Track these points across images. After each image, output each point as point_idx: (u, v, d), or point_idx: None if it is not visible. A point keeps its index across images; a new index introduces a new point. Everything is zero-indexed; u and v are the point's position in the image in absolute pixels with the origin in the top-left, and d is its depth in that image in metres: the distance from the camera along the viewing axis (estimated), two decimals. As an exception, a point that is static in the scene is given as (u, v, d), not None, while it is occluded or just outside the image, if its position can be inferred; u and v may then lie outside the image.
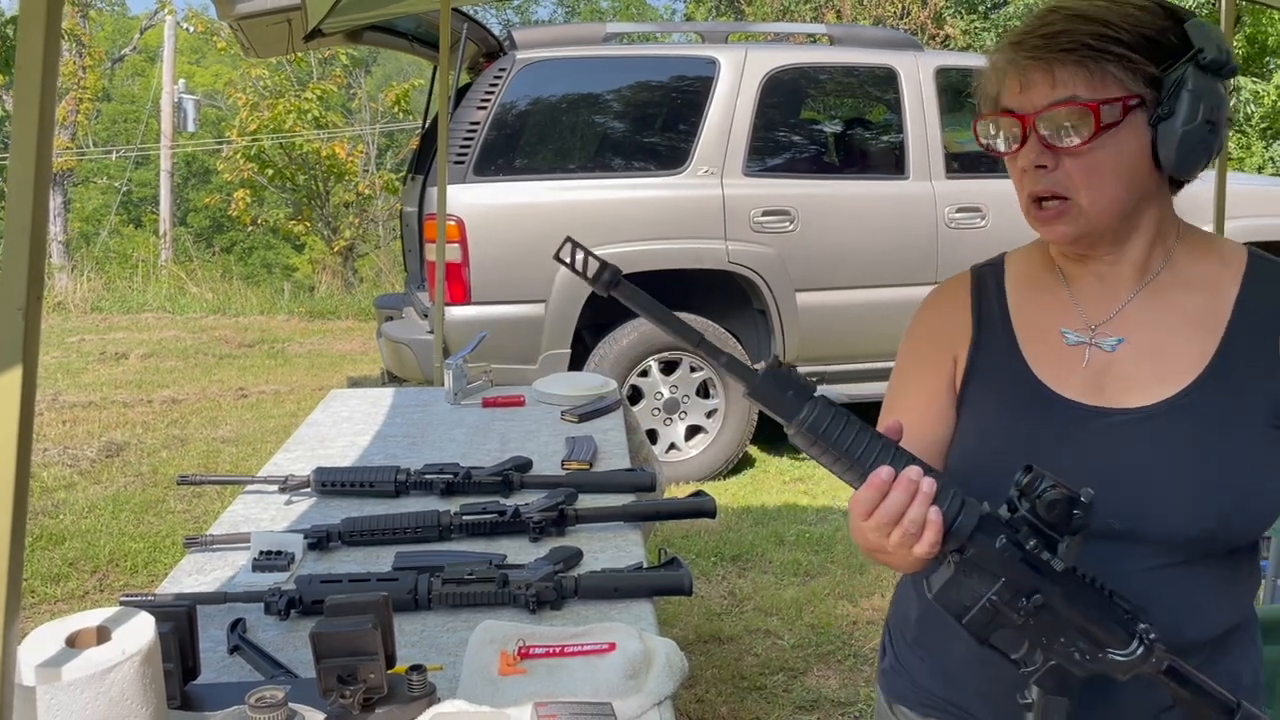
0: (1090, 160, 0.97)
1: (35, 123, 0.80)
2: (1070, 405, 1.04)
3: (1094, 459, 1.01)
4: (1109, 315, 1.06)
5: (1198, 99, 0.95)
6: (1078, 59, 0.96)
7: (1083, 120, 0.96)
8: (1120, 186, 0.99)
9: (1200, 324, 1.03)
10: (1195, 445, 0.99)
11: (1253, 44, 13.77)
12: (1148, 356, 1.03)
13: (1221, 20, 3.24)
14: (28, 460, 0.81)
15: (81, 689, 0.88)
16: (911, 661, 1.18)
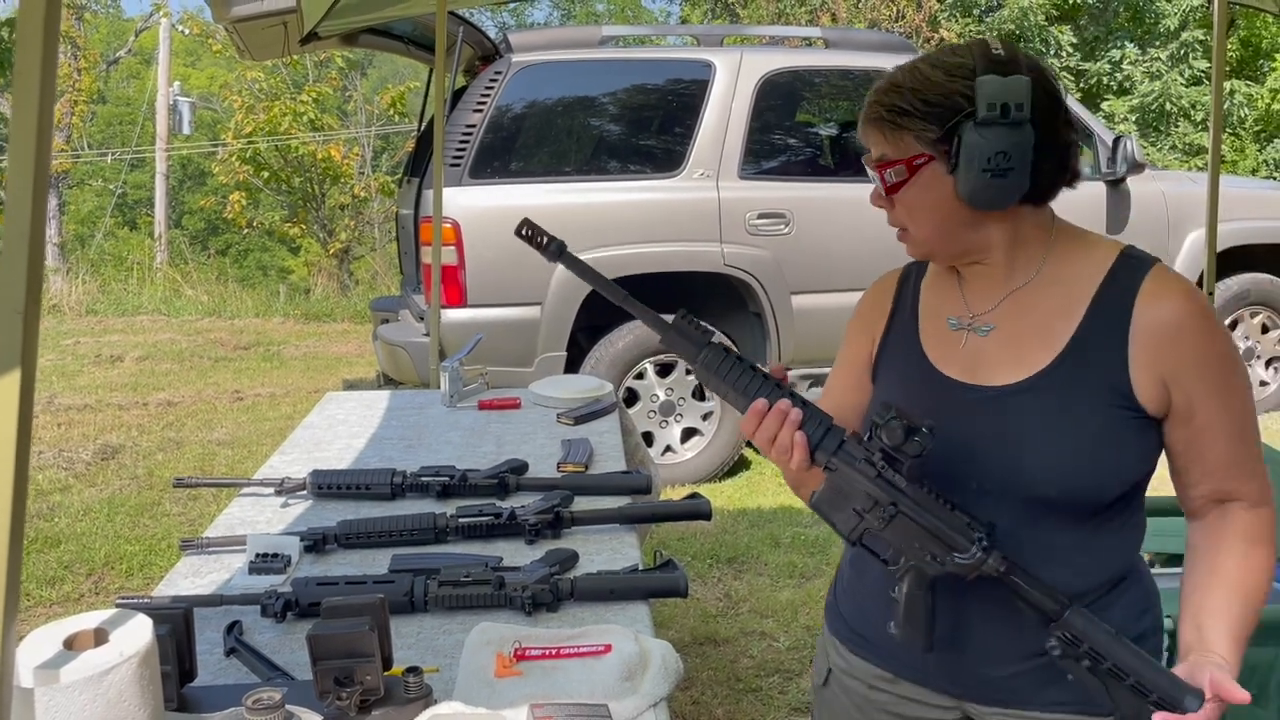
0: (904, 204, 1.19)
1: (34, 127, 0.80)
2: (948, 381, 1.22)
3: (963, 427, 1.18)
4: (989, 308, 1.23)
5: (972, 153, 1.11)
6: (880, 127, 1.17)
7: (888, 176, 1.17)
8: (936, 222, 1.18)
9: (1061, 316, 1.18)
10: (1045, 419, 1.15)
11: (1246, 47, 13.82)
12: (1012, 343, 1.20)
13: (1215, 24, 3.26)
14: (26, 463, 0.81)
15: (79, 691, 0.88)
16: (845, 601, 1.37)
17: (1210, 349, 1.15)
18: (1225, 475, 1.18)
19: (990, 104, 1.10)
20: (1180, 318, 1.15)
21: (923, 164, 1.15)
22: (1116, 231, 4.95)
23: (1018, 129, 1.11)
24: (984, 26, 13.56)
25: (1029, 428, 1.16)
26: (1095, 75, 13.88)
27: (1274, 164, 13.17)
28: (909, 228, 1.21)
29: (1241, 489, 1.18)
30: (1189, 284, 1.19)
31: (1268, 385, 5.42)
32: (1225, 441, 1.17)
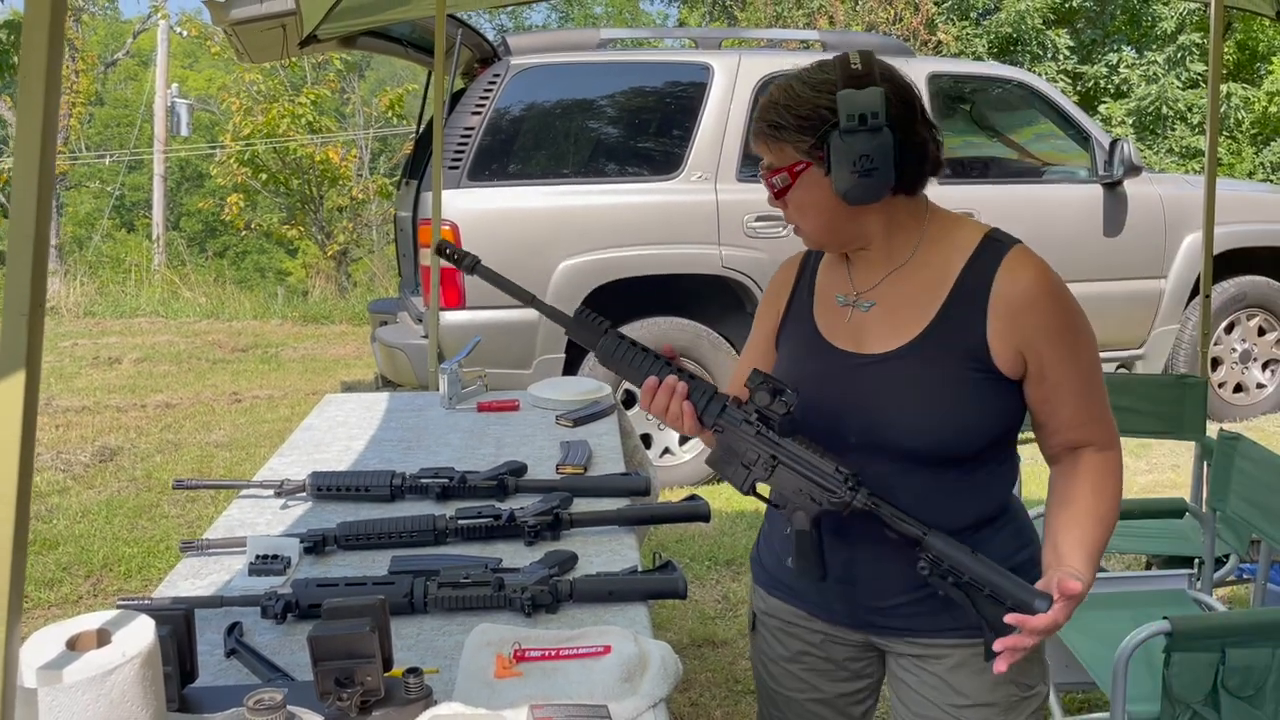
0: (792, 204, 1.35)
1: (39, 132, 0.80)
2: (835, 350, 1.39)
3: (846, 388, 1.36)
4: (870, 286, 1.39)
5: (841, 157, 1.26)
6: (764, 140, 1.34)
7: (775, 181, 1.34)
8: (820, 218, 1.35)
9: (931, 292, 1.35)
10: (913, 381, 1.32)
11: (1244, 50, 13.84)
12: (889, 316, 1.36)
13: (1211, 27, 3.27)
14: (30, 463, 0.82)
15: (83, 691, 0.89)
16: (764, 551, 1.55)
17: (1058, 318, 1.31)
18: (1076, 427, 1.35)
19: (849, 115, 1.25)
20: (1033, 291, 1.31)
21: (802, 170, 1.31)
22: (1113, 235, 4.96)
23: (877, 134, 1.25)
24: (981, 29, 13.59)
25: (900, 389, 1.33)
26: (1092, 78, 13.91)
27: (1271, 167, 13.20)
28: (800, 224, 1.37)
29: (1091, 438, 1.35)
30: (1042, 262, 1.35)
31: (1265, 388, 5.43)
32: (1074, 398, 1.33)
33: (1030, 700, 1.40)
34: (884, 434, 1.33)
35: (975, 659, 1.34)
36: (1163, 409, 2.81)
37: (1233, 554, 2.60)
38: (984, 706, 1.37)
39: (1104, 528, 1.32)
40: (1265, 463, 2.19)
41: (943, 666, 1.38)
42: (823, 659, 1.47)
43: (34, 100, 0.81)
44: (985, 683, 1.36)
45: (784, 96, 1.30)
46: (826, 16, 12.77)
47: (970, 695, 1.37)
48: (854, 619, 1.42)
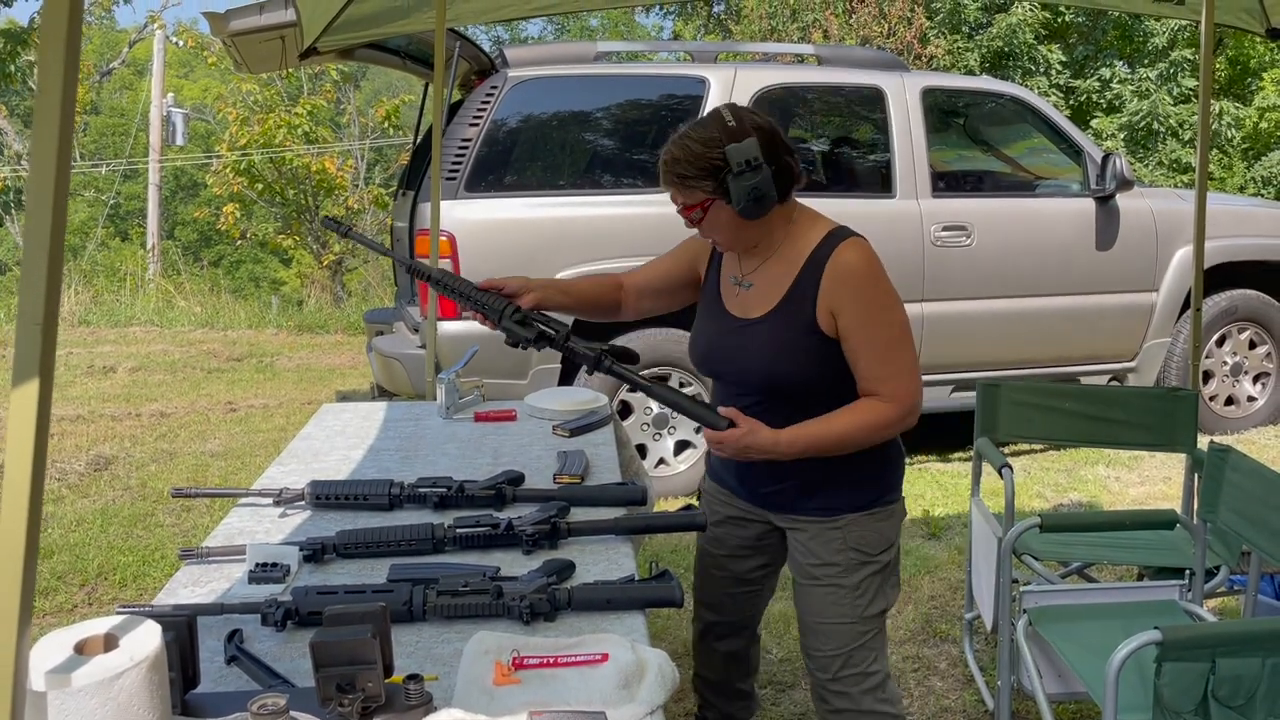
0: (707, 228, 1.87)
1: (54, 143, 0.82)
2: (729, 316, 1.94)
3: (731, 343, 1.91)
4: (751, 270, 1.93)
5: (738, 192, 1.77)
6: (676, 186, 1.83)
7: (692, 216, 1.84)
8: (728, 234, 1.87)
9: (786, 274, 1.86)
10: (770, 338, 1.85)
11: (1235, 66, 13.96)
12: (760, 292, 1.89)
13: (1201, 44, 3.31)
14: (42, 469, 0.83)
15: (91, 695, 0.90)
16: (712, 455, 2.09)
17: (863, 294, 1.79)
18: (869, 380, 1.82)
19: (738, 163, 1.75)
20: (848, 270, 1.80)
21: (710, 204, 1.81)
22: (1105, 248, 5.00)
23: (759, 170, 1.76)
24: (972, 44, 13.68)
25: (761, 344, 1.86)
26: (1084, 93, 14.00)
27: (1262, 181, 13.29)
28: (714, 239, 1.90)
29: (878, 390, 1.81)
30: (866, 252, 1.82)
31: (1256, 401, 5.47)
32: (868, 359, 1.81)
33: (870, 565, 1.92)
34: (750, 375, 1.88)
35: (825, 531, 1.92)
36: (1154, 422, 2.84)
37: (1223, 565, 2.62)
38: (830, 565, 1.92)
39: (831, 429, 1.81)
40: (1256, 475, 2.22)
41: (805, 535, 1.95)
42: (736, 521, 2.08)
43: (50, 112, 0.83)
44: (830, 549, 1.92)
45: (684, 154, 1.78)
46: (821, 30, 12.84)
47: (821, 557, 1.93)
48: (754, 499, 2.02)
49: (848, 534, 1.90)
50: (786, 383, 1.84)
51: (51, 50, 0.84)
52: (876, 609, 1.94)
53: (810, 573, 1.95)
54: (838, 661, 1.94)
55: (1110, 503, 4.46)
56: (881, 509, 1.92)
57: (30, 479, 0.82)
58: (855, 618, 1.93)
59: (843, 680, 1.95)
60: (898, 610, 3.35)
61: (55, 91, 0.83)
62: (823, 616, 1.95)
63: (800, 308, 1.81)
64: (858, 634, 1.94)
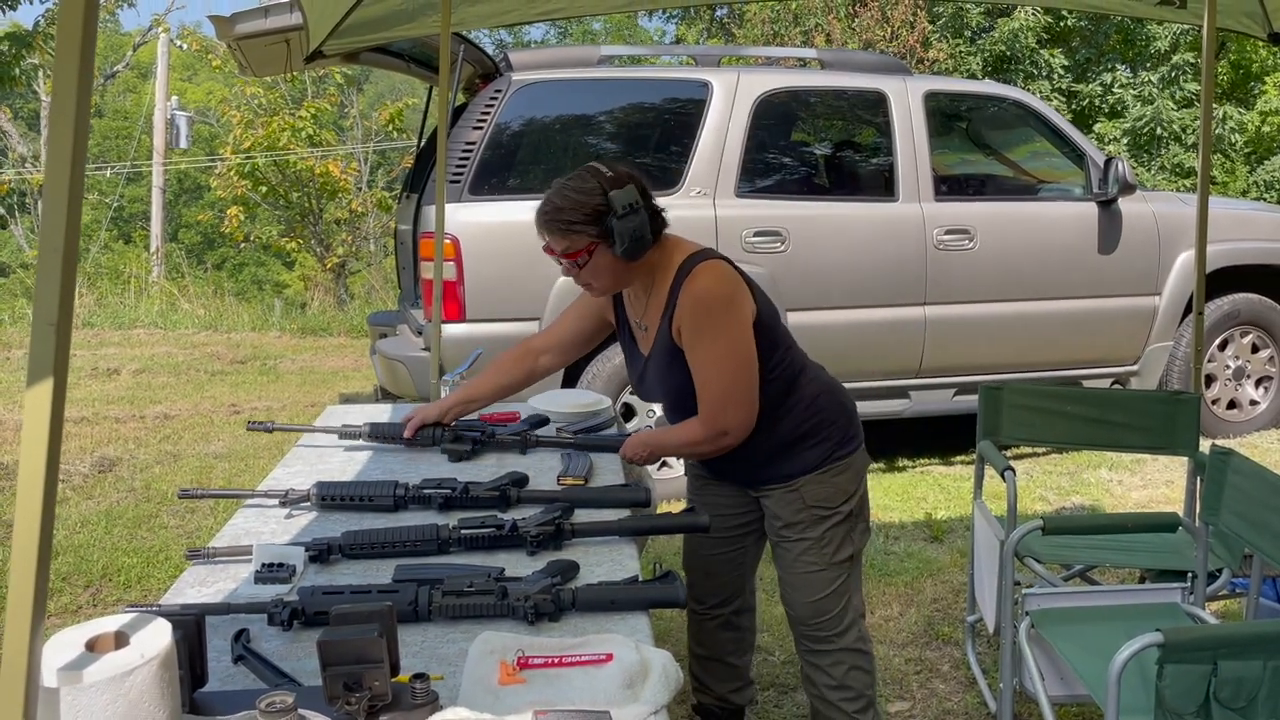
0: (587, 273, 2.00)
1: (69, 146, 0.83)
2: (640, 355, 2.13)
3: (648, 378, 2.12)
4: (641, 314, 2.11)
5: (622, 234, 1.92)
6: (558, 233, 1.95)
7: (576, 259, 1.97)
8: (610, 276, 2.01)
9: (659, 306, 2.03)
10: (654, 371, 2.08)
11: (1237, 70, 13.96)
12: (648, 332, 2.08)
13: (1204, 48, 3.32)
14: (56, 468, 0.84)
15: (102, 691, 0.91)
16: None
17: (697, 318, 1.95)
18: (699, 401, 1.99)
19: (622, 206, 1.91)
20: (691, 294, 1.95)
21: (594, 249, 1.95)
22: (1108, 252, 5.01)
23: (638, 213, 1.93)
24: (975, 48, 13.69)
25: (655, 372, 2.08)
26: (1087, 97, 14.00)
27: (1264, 185, 13.28)
28: (592, 284, 2.03)
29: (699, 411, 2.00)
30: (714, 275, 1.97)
31: (1258, 404, 5.47)
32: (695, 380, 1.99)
33: (832, 517, 2.11)
34: (665, 399, 2.12)
35: (784, 495, 2.12)
36: (1157, 425, 2.84)
37: (1225, 568, 2.63)
38: (793, 524, 2.13)
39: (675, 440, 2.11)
40: (1258, 478, 2.22)
41: (770, 501, 2.16)
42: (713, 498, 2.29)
43: (65, 114, 0.84)
44: (791, 510, 2.12)
45: (567, 203, 1.93)
46: (823, 34, 12.86)
47: (784, 518, 2.14)
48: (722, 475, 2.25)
49: (805, 494, 2.10)
50: (682, 402, 2.05)
51: (67, 53, 0.85)
52: (844, 555, 2.14)
53: (780, 533, 2.16)
54: (810, 609, 2.15)
55: (1112, 506, 4.46)
56: (834, 465, 2.10)
57: (44, 477, 0.84)
58: (824, 565, 2.13)
59: (820, 624, 2.15)
60: (900, 613, 3.36)
61: (70, 95, 0.84)
62: (794, 570, 2.15)
63: (666, 335, 2.01)
64: (828, 580, 2.13)
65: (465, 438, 2.32)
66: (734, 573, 2.35)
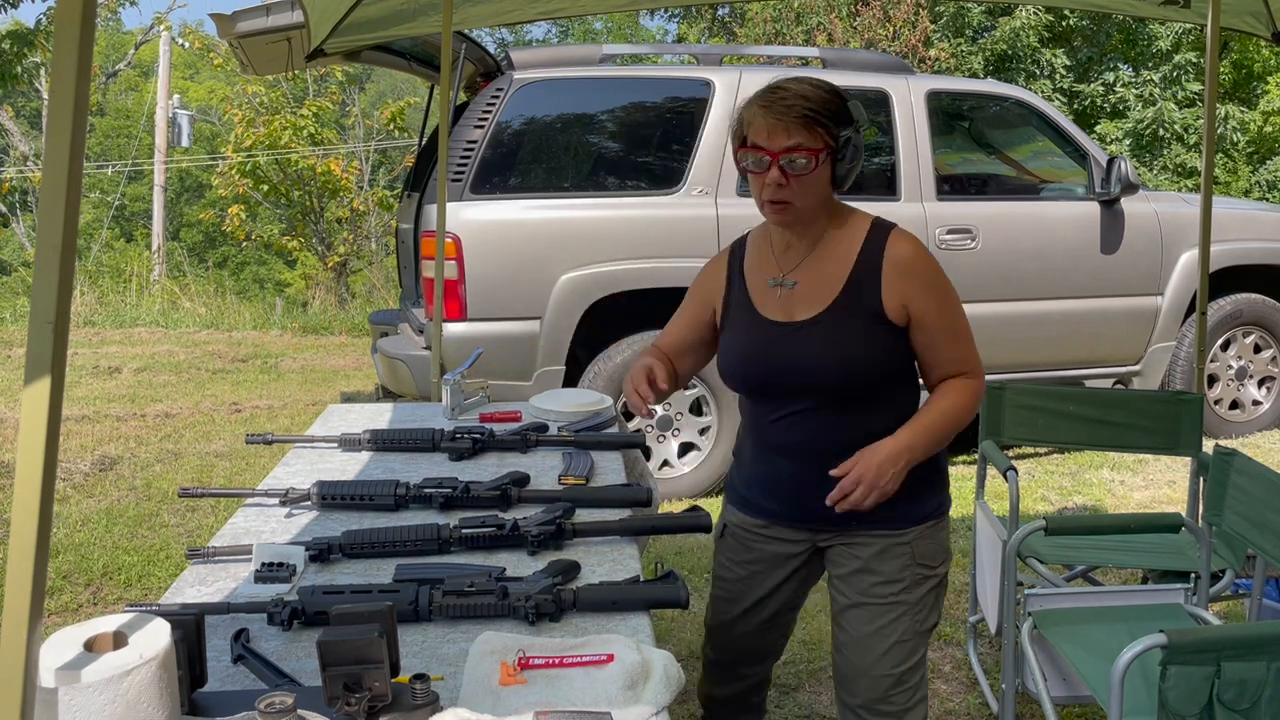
0: (806, 181, 1.69)
1: (67, 145, 0.83)
2: (771, 323, 1.79)
3: (784, 350, 1.76)
4: (793, 267, 1.80)
5: (856, 151, 1.70)
6: (802, 123, 1.65)
7: (805, 158, 1.66)
8: (818, 197, 1.72)
9: (838, 268, 1.76)
10: (831, 337, 1.73)
11: (1239, 70, 13.94)
12: (809, 290, 1.77)
13: (1207, 48, 3.31)
14: (54, 467, 0.84)
15: (100, 691, 0.90)
16: (734, 475, 1.97)
17: (934, 283, 1.74)
18: (950, 365, 1.78)
19: (864, 121, 1.71)
20: (911, 259, 1.73)
21: (826, 155, 1.68)
22: (1110, 252, 5.00)
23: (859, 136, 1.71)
24: (976, 47, 13.68)
25: (824, 343, 1.73)
26: (1089, 97, 13.98)
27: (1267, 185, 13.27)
28: (797, 201, 1.70)
29: (964, 370, 1.78)
30: (917, 239, 1.76)
31: (1261, 405, 5.46)
32: (950, 343, 1.76)
33: (930, 579, 1.84)
34: (814, 377, 1.74)
35: (892, 546, 1.80)
36: (1159, 425, 2.84)
37: (1228, 569, 2.62)
38: (894, 582, 1.80)
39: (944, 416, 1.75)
40: (1261, 478, 2.21)
41: (869, 552, 1.82)
42: (772, 557, 1.92)
43: (63, 117, 0.83)
44: (896, 565, 1.80)
45: (815, 93, 1.66)
46: (825, 34, 12.85)
47: (884, 574, 1.81)
48: (807, 518, 1.84)
49: (915, 548, 1.80)
50: (854, 375, 1.73)
51: (65, 52, 0.84)
52: (930, 623, 1.86)
53: (872, 592, 1.81)
54: (888, 681, 1.82)
55: (1115, 506, 4.45)
56: (940, 519, 1.86)
57: (41, 476, 0.83)
58: (913, 634, 1.82)
59: (892, 699, 1.83)
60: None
61: (68, 92, 0.84)
62: (882, 637, 1.81)
63: (861, 299, 1.72)
64: (913, 650, 1.83)
65: (466, 437, 2.30)
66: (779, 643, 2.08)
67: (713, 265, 1.92)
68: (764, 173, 1.68)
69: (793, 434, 1.78)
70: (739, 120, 1.72)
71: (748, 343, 1.80)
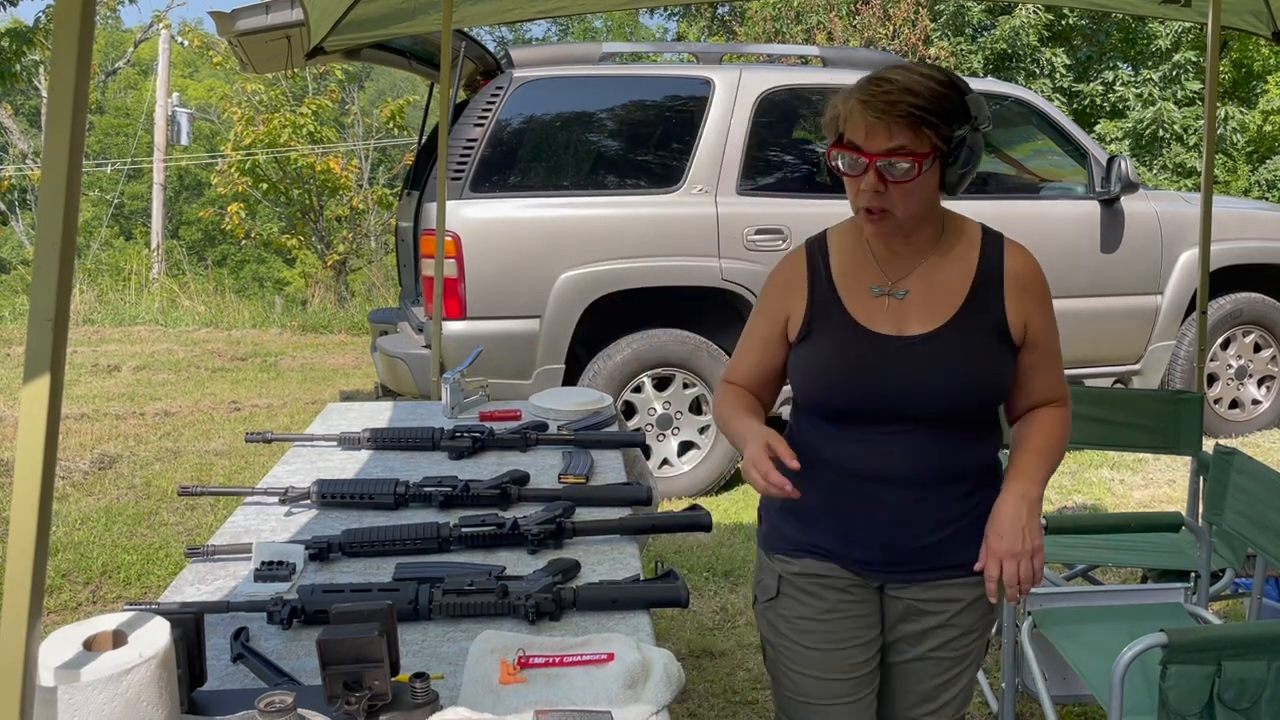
0: (908, 188, 1.46)
1: (66, 141, 0.82)
2: (878, 336, 1.55)
3: (894, 369, 1.53)
4: (902, 275, 1.57)
5: (971, 153, 1.47)
6: (907, 122, 1.42)
7: (908, 163, 1.43)
8: (922, 204, 1.50)
9: (957, 278, 1.56)
10: (951, 355, 1.53)
11: (1239, 69, 13.94)
12: (924, 302, 1.56)
13: (1208, 46, 3.31)
14: (53, 464, 0.83)
15: (99, 690, 0.90)
16: (779, 521, 1.67)
17: (1048, 299, 1.59)
18: (1048, 390, 1.62)
19: (984, 117, 1.47)
20: (1031, 273, 1.58)
21: (933, 159, 1.45)
22: (1110, 251, 5.00)
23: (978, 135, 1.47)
24: (976, 46, 13.67)
25: (944, 361, 1.52)
26: (1088, 96, 13.98)
27: (1266, 184, 13.27)
28: (897, 210, 1.48)
29: (1057, 395, 1.63)
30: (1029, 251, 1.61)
31: (1260, 404, 5.46)
32: (1052, 365, 1.61)
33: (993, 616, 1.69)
34: (934, 399, 1.52)
35: (979, 600, 1.61)
36: (1159, 424, 2.84)
37: (1228, 568, 2.62)
38: (971, 633, 1.64)
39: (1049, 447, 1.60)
40: (1261, 478, 2.21)
41: (955, 607, 1.61)
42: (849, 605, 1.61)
43: (62, 112, 0.83)
44: (978, 615, 1.63)
45: (924, 88, 1.43)
46: (825, 32, 12.84)
47: (965, 627, 1.63)
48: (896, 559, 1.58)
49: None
50: (977, 396, 1.53)
51: (64, 49, 0.84)
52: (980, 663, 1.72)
53: (950, 646, 1.63)
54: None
55: (1115, 505, 4.45)
56: None
57: (41, 474, 0.83)
58: (972, 678, 1.69)
59: None
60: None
61: (67, 89, 0.84)
62: (948, 687, 1.66)
63: (986, 314, 1.54)
64: (970, 694, 1.70)
65: (466, 436, 2.29)
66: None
67: (786, 269, 1.65)
68: (859, 176, 1.46)
69: (894, 461, 1.54)
70: (834, 114, 1.50)
71: (851, 358, 1.54)
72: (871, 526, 1.56)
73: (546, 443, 2.33)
